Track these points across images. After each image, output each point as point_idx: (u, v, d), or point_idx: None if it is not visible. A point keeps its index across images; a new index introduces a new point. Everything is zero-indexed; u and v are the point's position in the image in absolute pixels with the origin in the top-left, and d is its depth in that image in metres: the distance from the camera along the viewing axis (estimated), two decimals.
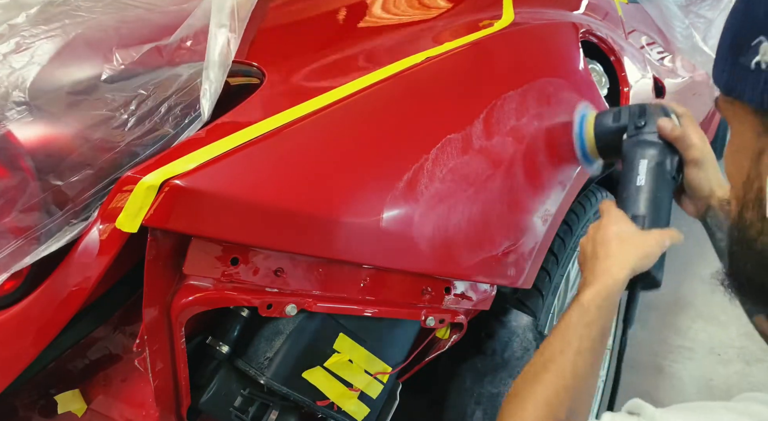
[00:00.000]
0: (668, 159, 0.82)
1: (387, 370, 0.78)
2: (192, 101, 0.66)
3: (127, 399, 0.69)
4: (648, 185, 0.80)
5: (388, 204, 0.71)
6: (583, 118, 0.96)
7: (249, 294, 0.64)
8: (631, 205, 0.79)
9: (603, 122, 0.93)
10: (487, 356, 1.02)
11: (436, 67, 0.84)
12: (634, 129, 0.86)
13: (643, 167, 0.81)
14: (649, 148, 0.83)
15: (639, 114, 0.87)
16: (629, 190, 0.81)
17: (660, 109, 0.87)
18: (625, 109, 0.90)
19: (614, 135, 0.90)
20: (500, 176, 0.88)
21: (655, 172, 0.81)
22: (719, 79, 0.49)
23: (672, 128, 0.82)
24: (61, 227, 0.59)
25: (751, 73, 0.44)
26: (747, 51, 0.44)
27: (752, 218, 0.48)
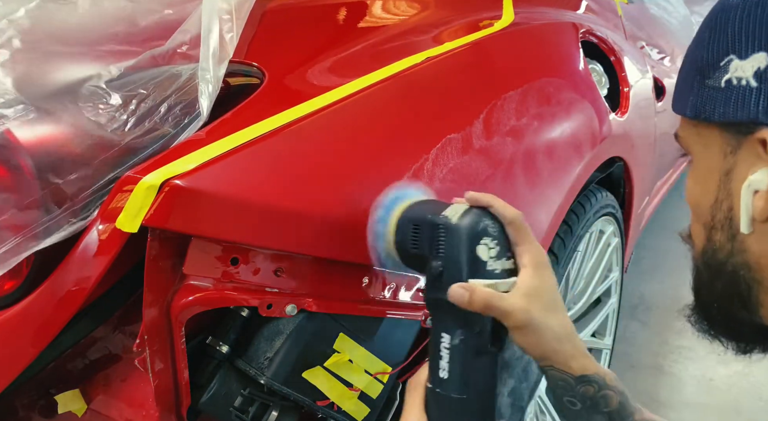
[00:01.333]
0: (476, 330, 0.57)
1: (387, 370, 0.78)
2: (191, 101, 0.66)
3: (127, 399, 0.69)
4: (453, 382, 0.57)
5: None
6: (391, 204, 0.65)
7: (249, 294, 0.64)
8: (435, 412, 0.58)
9: (403, 237, 0.63)
10: None
11: (436, 67, 0.84)
12: (432, 278, 0.58)
13: (444, 348, 0.57)
14: (449, 316, 0.57)
15: (436, 251, 0.58)
16: (434, 380, 0.58)
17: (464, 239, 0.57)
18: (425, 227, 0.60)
19: (418, 261, 0.62)
20: (500, 176, 0.88)
21: (460, 356, 0.57)
22: (684, 105, 0.50)
23: (469, 299, 0.55)
24: (61, 226, 0.59)
25: (720, 92, 0.45)
26: (715, 72, 0.46)
27: (721, 239, 0.48)
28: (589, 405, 0.60)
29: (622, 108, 1.33)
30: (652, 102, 1.63)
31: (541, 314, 0.57)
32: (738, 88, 0.44)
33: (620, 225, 1.46)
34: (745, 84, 0.44)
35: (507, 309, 0.56)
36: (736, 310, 0.50)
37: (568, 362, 0.59)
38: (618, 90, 1.36)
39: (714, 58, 0.46)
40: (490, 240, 0.57)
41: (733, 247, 0.47)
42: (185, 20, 0.70)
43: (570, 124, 1.05)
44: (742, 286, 0.48)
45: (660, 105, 1.72)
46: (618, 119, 1.26)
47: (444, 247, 0.58)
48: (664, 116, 1.73)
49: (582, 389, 0.60)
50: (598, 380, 0.60)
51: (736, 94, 0.44)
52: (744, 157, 0.45)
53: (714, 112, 0.46)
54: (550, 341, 0.58)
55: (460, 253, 0.56)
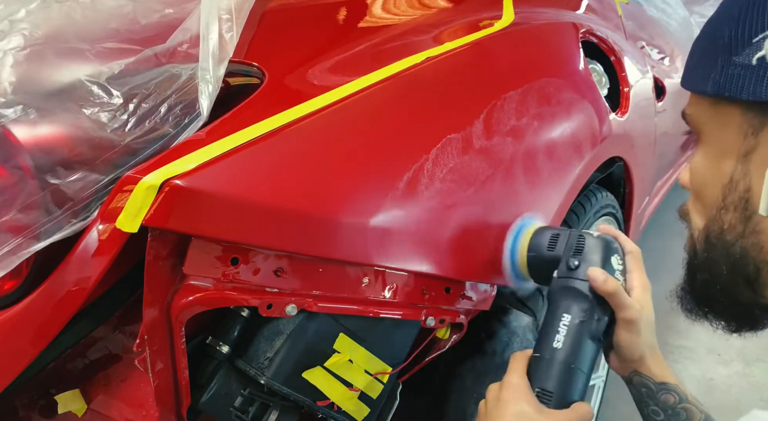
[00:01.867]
0: (596, 318, 0.69)
1: (387, 370, 0.78)
2: (192, 101, 0.66)
3: (127, 399, 0.69)
4: (564, 351, 0.67)
5: (388, 204, 0.71)
6: (519, 231, 0.83)
7: (249, 294, 0.64)
8: (541, 375, 0.67)
9: (538, 244, 0.79)
10: (487, 356, 1.02)
11: (436, 67, 0.84)
12: (566, 269, 0.72)
13: (563, 326, 0.68)
14: (576, 301, 0.69)
15: (574, 251, 0.73)
16: (544, 350, 0.68)
17: (601, 248, 0.72)
18: (563, 235, 0.76)
19: (547, 264, 0.77)
20: (500, 176, 0.88)
21: (577, 334, 0.68)
22: (702, 82, 0.48)
23: (604, 281, 0.67)
24: (61, 226, 0.59)
25: (752, 70, 0.44)
26: (746, 49, 0.44)
27: (732, 220, 0.48)
28: (671, 414, 0.68)
29: (622, 108, 1.33)
30: (652, 102, 1.63)
31: (644, 321, 0.69)
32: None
33: (620, 225, 1.46)
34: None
35: (627, 302, 0.68)
36: (739, 290, 0.49)
37: (651, 369, 0.70)
38: (618, 90, 1.36)
39: (745, 34, 0.44)
40: (619, 258, 0.73)
41: (745, 228, 0.47)
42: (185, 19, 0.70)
43: (570, 124, 1.05)
44: (751, 267, 0.48)
45: (660, 105, 1.72)
46: (618, 119, 1.26)
47: (584, 249, 0.72)
48: (664, 116, 1.73)
49: (663, 396, 0.69)
50: (679, 392, 0.69)
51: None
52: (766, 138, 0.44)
53: (742, 91, 0.44)
54: (643, 346, 0.69)
55: (597, 256, 0.71)
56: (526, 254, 0.81)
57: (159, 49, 0.68)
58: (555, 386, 0.66)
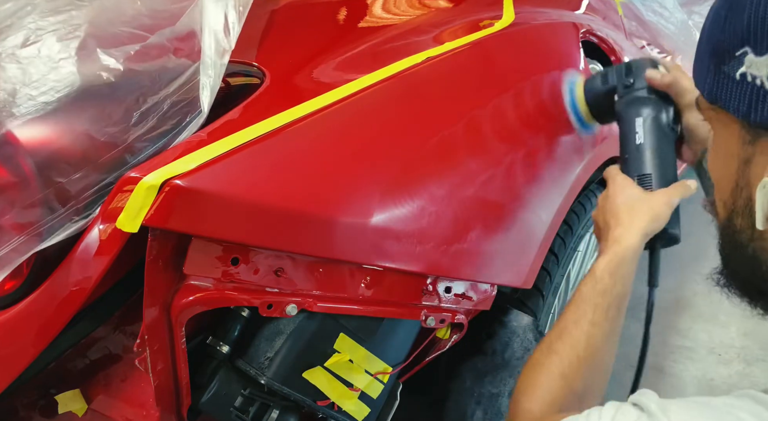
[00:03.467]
0: (663, 111, 0.82)
1: (387, 370, 0.78)
2: (193, 99, 0.66)
3: (128, 399, 0.69)
4: (648, 142, 0.79)
5: (389, 204, 0.71)
6: (572, 85, 0.95)
7: (249, 294, 0.64)
8: (635, 166, 0.79)
9: (592, 86, 0.92)
10: (487, 356, 1.02)
11: (437, 67, 0.84)
12: (624, 88, 0.86)
13: (639, 125, 0.80)
14: (643, 105, 0.82)
15: (626, 72, 0.86)
16: (630, 150, 0.80)
17: (646, 63, 0.86)
18: (611, 69, 0.90)
19: (605, 97, 0.90)
20: (500, 176, 0.88)
21: (653, 128, 0.80)
22: (701, 84, 0.48)
23: (662, 77, 0.81)
24: (64, 224, 0.59)
25: (736, 84, 0.43)
26: (731, 60, 0.43)
27: (742, 225, 0.48)
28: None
29: None
30: None
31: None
32: (753, 86, 0.41)
33: None
34: (759, 84, 0.41)
35: (686, 87, 0.80)
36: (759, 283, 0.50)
37: None
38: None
39: (730, 44, 0.43)
40: (661, 67, 0.85)
41: (753, 233, 0.47)
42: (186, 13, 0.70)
43: (570, 124, 1.05)
44: (764, 267, 0.48)
45: None
46: None
47: (633, 69, 0.85)
48: None
49: None
50: None
51: (750, 92, 0.42)
52: (761, 150, 0.44)
53: (729, 105, 0.44)
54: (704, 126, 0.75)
55: (645, 68, 0.84)
56: (584, 101, 0.93)
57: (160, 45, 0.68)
58: (650, 168, 0.77)
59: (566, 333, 0.65)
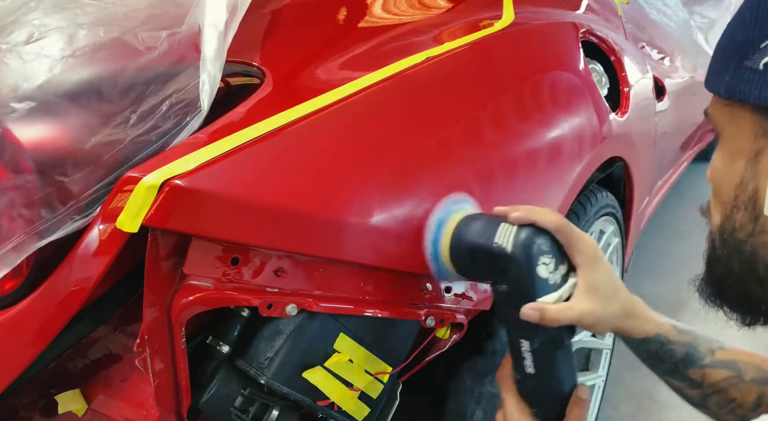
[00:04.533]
0: (551, 333, 0.63)
1: (387, 370, 0.78)
2: (193, 99, 0.66)
3: (128, 399, 0.69)
4: (539, 374, 0.64)
5: (389, 204, 0.71)
6: (440, 223, 0.71)
7: (249, 294, 0.64)
8: (530, 398, 0.66)
9: (461, 262, 0.69)
10: (487, 356, 1.02)
11: (437, 67, 0.84)
12: (500, 297, 0.65)
13: (527, 351, 0.64)
14: (525, 329, 0.63)
15: (499, 274, 0.63)
16: (520, 373, 0.65)
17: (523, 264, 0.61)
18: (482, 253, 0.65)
19: (477, 277, 0.73)
20: (500, 176, 0.88)
21: (542, 355, 0.64)
22: (718, 84, 0.50)
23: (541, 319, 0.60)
24: (64, 223, 0.59)
25: (758, 74, 0.45)
26: (754, 53, 0.45)
27: (743, 219, 0.49)
28: (654, 358, 0.69)
29: (622, 108, 1.33)
30: (653, 102, 1.63)
31: (604, 307, 0.63)
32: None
33: (620, 225, 1.46)
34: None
35: (576, 318, 0.61)
36: (750, 286, 0.51)
37: (630, 333, 0.67)
38: (618, 90, 1.36)
39: (754, 39, 0.46)
40: (547, 257, 0.62)
41: (754, 228, 0.48)
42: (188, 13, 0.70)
43: (570, 124, 1.05)
44: (760, 265, 0.49)
45: (660, 105, 1.72)
46: (618, 119, 1.26)
47: (506, 273, 0.62)
48: (664, 116, 1.73)
49: (645, 348, 0.69)
50: (659, 339, 0.68)
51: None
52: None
53: (750, 94, 0.46)
54: (614, 323, 0.65)
55: (524, 278, 0.61)
56: (448, 251, 0.70)
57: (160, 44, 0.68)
58: (545, 406, 0.65)
59: None
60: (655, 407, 1.68)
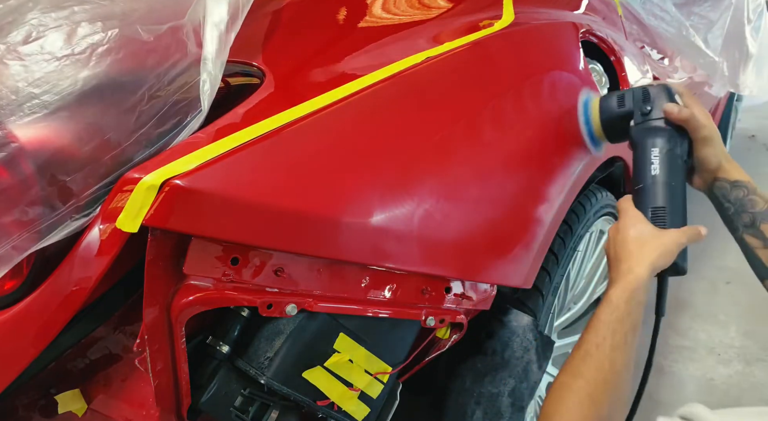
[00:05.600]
0: (678, 144, 0.84)
1: (387, 370, 0.78)
2: (193, 99, 0.66)
3: (128, 399, 0.69)
4: (662, 174, 0.81)
5: (388, 204, 0.71)
6: (587, 102, 0.96)
7: (249, 294, 0.64)
8: (649, 198, 0.81)
9: (608, 107, 0.93)
10: (487, 356, 1.02)
11: (436, 67, 0.84)
12: (641, 116, 0.87)
13: (655, 156, 0.83)
14: (659, 136, 0.84)
15: (643, 99, 0.87)
16: (645, 180, 0.82)
17: (663, 92, 0.87)
18: (628, 93, 0.90)
19: (620, 120, 0.91)
20: (500, 177, 0.88)
21: (668, 160, 0.82)
22: None
23: (679, 111, 0.83)
24: (64, 223, 0.59)
25: None
26: None
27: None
28: (739, 206, 0.84)
29: None
30: None
31: (717, 135, 0.85)
32: None
33: None
34: None
35: (701, 122, 0.83)
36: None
37: (728, 172, 0.85)
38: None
39: None
40: (679, 97, 0.87)
41: None
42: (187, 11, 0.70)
43: (570, 124, 1.05)
44: None
45: None
46: None
47: (651, 96, 0.87)
48: None
49: (735, 192, 0.84)
50: (748, 187, 0.84)
51: None
52: None
53: None
54: (720, 155, 0.85)
55: (663, 97, 0.86)
56: (599, 121, 0.94)
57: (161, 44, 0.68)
58: (663, 201, 0.80)
59: (589, 357, 0.67)
60: (655, 407, 1.68)
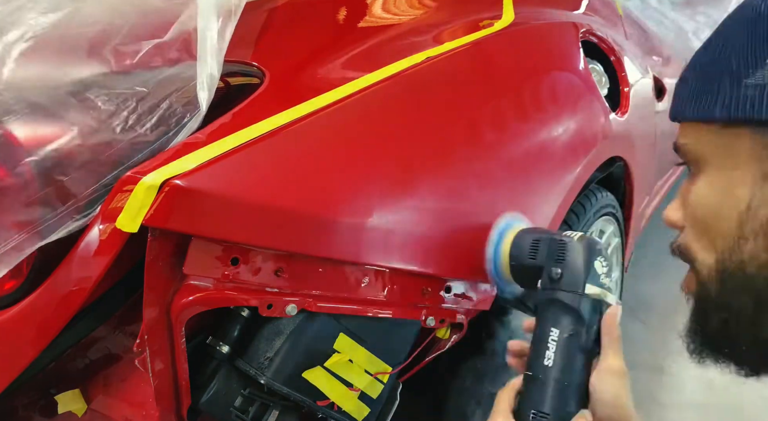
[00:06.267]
0: (584, 329, 0.65)
1: (387, 370, 0.78)
2: (192, 99, 0.66)
3: (128, 399, 0.69)
4: (556, 369, 0.64)
5: (388, 204, 0.71)
6: (500, 237, 0.78)
7: (249, 294, 0.64)
8: (534, 398, 0.65)
9: (519, 252, 0.75)
10: (487, 357, 1.02)
11: (437, 67, 0.84)
12: (548, 280, 0.68)
13: (554, 340, 0.65)
14: (563, 314, 0.66)
15: (556, 259, 0.69)
16: (536, 370, 0.65)
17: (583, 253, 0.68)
18: (545, 241, 0.72)
19: (530, 272, 0.73)
20: (500, 176, 0.88)
21: (567, 350, 0.65)
22: (706, 111, 0.47)
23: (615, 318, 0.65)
24: (64, 223, 0.59)
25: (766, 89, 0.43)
26: (758, 70, 0.43)
27: (755, 249, 0.44)
28: None
29: (622, 108, 1.33)
30: (652, 102, 1.63)
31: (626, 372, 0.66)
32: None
33: (620, 225, 1.46)
34: None
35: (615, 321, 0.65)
36: (763, 327, 0.46)
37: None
38: (618, 90, 1.36)
39: (755, 58, 0.43)
40: (604, 260, 0.69)
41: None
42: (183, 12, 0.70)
43: (570, 124, 1.05)
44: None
45: (660, 105, 1.72)
46: (618, 119, 1.26)
47: (565, 257, 0.68)
48: (664, 116, 1.73)
49: None
50: None
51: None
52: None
53: (761, 110, 0.42)
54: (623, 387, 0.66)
55: (580, 263, 0.68)
56: (508, 264, 0.76)
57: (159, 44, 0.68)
58: (550, 407, 0.63)
59: None
60: (655, 407, 1.68)
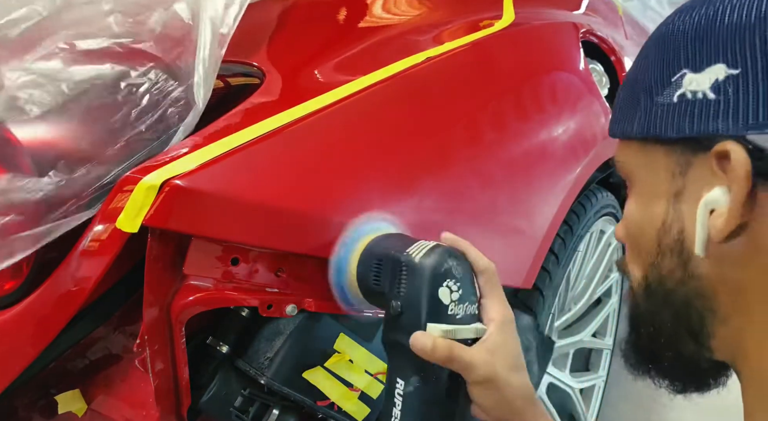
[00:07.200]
0: (433, 378, 0.53)
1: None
2: (189, 97, 0.66)
3: (128, 399, 0.69)
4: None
5: (388, 204, 0.71)
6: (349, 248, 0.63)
7: (249, 294, 0.64)
8: None
9: (365, 276, 0.60)
10: None
11: (437, 67, 0.84)
12: (391, 316, 0.55)
13: (398, 394, 0.53)
14: (405, 362, 0.53)
15: (396, 288, 0.55)
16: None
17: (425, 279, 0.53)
18: (387, 262, 0.57)
19: (379, 298, 0.59)
20: (500, 176, 0.88)
21: (414, 405, 0.52)
22: (628, 127, 0.47)
23: (432, 350, 0.51)
24: (64, 222, 0.59)
25: (673, 107, 0.43)
26: (665, 89, 0.44)
27: (670, 265, 0.45)
28: None
29: None
30: None
31: (505, 371, 0.54)
32: (693, 102, 0.42)
33: None
34: (701, 96, 0.41)
35: (469, 361, 0.52)
36: (683, 342, 0.46)
37: (523, 417, 0.55)
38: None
39: (664, 75, 0.44)
40: (454, 283, 0.54)
41: (684, 273, 0.44)
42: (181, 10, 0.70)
43: (570, 124, 1.05)
44: (694, 317, 0.44)
45: None
46: None
47: (405, 286, 0.54)
48: None
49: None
50: None
51: (691, 107, 0.42)
52: (696, 176, 0.43)
53: (666, 128, 0.43)
54: (514, 400, 0.54)
55: (420, 294, 0.53)
56: (356, 284, 0.62)
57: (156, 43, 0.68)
58: None
59: None
60: (655, 407, 1.68)
